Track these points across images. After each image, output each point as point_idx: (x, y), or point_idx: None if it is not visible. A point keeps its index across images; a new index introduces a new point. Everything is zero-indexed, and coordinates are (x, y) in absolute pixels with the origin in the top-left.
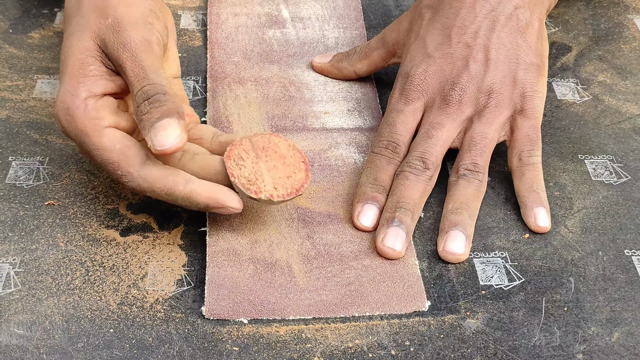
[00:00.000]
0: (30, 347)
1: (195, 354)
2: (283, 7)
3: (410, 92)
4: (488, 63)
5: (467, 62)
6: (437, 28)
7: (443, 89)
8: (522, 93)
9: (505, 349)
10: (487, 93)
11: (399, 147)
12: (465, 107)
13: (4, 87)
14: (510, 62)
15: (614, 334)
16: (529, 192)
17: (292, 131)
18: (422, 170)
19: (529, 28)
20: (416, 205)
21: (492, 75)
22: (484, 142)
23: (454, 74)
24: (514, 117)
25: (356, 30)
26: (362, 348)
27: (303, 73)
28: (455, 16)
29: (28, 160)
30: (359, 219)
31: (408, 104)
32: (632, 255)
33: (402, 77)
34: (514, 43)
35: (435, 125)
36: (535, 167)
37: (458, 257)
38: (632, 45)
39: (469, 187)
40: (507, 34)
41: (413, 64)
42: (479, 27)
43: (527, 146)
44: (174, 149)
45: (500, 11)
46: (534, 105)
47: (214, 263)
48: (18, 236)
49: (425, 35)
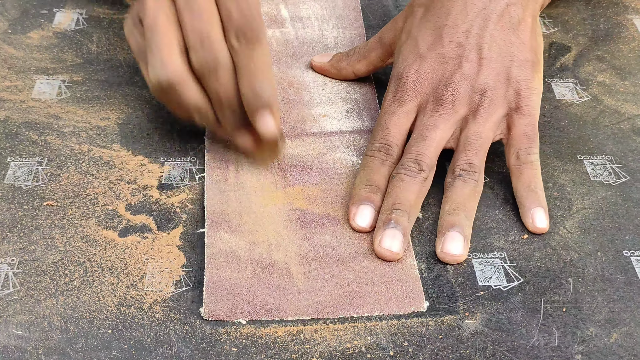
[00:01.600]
0: (28, 348)
1: (193, 355)
2: (282, 6)
3: (404, 93)
4: (481, 62)
5: (460, 61)
6: (429, 27)
7: (436, 89)
8: (517, 90)
9: (504, 349)
10: (480, 92)
11: (391, 149)
12: (459, 107)
13: (3, 88)
14: (504, 59)
15: (612, 334)
16: (527, 192)
17: (291, 137)
18: (417, 172)
19: (521, 25)
20: (412, 206)
21: (486, 73)
22: (479, 141)
23: (447, 74)
24: (510, 115)
25: (355, 30)
26: (360, 349)
27: (302, 74)
28: (446, 15)
29: (27, 160)
30: (354, 220)
31: (401, 105)
32: (630, 256)
33: (394, 79)
34: (507, 40)
35: (429, 127)
36: (533, 166)
37: (456, 258)
38: (631, 45)
39: (465, 187)
40: (500, 32)
41: (405, 65)
42: (471, 26)
43: (524, 144)
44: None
45: (492, 9)
46: (530, 102)
47: (213, 264)
48: (16, 237)
49: (417, 35)
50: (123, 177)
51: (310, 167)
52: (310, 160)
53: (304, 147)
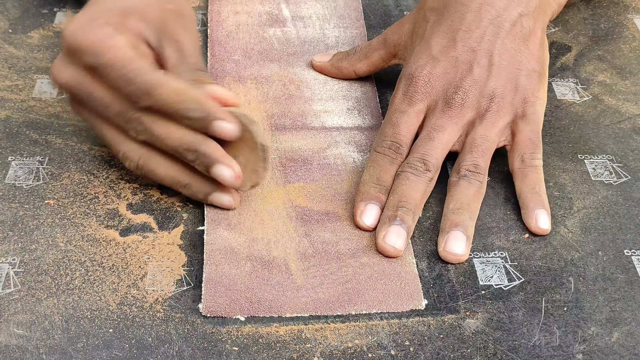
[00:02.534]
0: (29, 347)
1: (194, 354)
2: (284, 6)
3: (415, 93)
4: (491, 68)
5: (472, 66)
6: (443, 31)
7: (446, 92)
8: (524, 98)
9: (505, 349)
10: (489, 97)
11: (401, 148)
12: (467, 110)
13: (4, 87)
14: (513, 68)
15: (613, 334)
16: (531, 193)
17: (292, 130)
18: (423, 172)
19: (532, 36)
20: (417, 205)
21: (495, 80)
22: (485, 144)
23: (458, 78)
24: (515, 122)
25: (357, 30)
26: (361, 348)
27: (303, 71)
28: (461, 20)
29: (28, 160)
30: (361, 218)
31: (412, 105)
32: (631, 255)
33: (405, 78)
34: (517, 50)
35: (437, 128)
36: (537, 170)
37: (458, 257)
38: (632, 45)
39: (470, 188)
40: (511, 41)
41: (417, 66)
42: (484, 32)
43: (529, 149)
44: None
45: (505, 17)
46: (535, 110)
47: (212, 261)
48: (17, 236)
49: (430, 38)
50: (124, 176)
51: (311, 162)
52: (311, 154)
53: (304, 140)
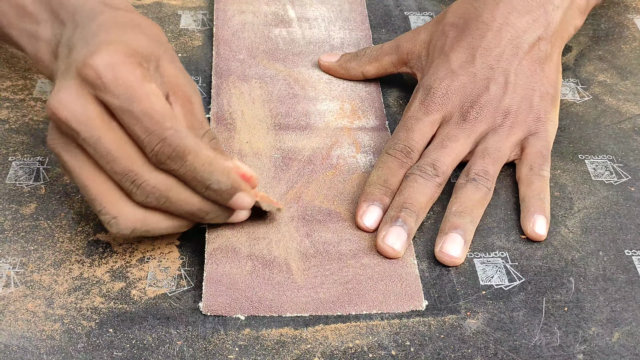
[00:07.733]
0: (30, 348)
1: (195, 354)
2: (289, 7)
3: (431, 103)
4: (507, 86)
5: (489, 83)
6: (463, 47)
7: (462, 105)
8: (537, 117)
9: (506, 349)
10: (503, 113)
11: (412, 153)
12: (481, 124)
13: (4, 87)
14: (528, 88)
15: (614, 334)
16: (535, 199)
17: (295, 129)
18: (432, 176)
19: (548, 60)
20: (421, 209)
21: (510, 97)
22: (497, 153)
23: (475, 94)
24: (527, 139)
25: (362, 32)
26: (362, 348)
27: (308, 71)
28: (481, 38)
29: (28, 160)
30: (362, 219)
31: (427, 114)
32: (632, 255)
33: (423, 89)
34: (533, 71)
35: (451, 137)
36: (544, 180)
37: (454, 260)
38: (632, 45)
39: (477, 192)
40: (528, 62)
41: (436, 78)
42: (503, 51)
43: (539, 160)
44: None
45: (524, 39)
46: (547, 129)
47: (213, 259)
48: (17, 236)
49: (449, 52)
50: None
51: (314, 162)
52: (314, 154)
53: (308, 140)
